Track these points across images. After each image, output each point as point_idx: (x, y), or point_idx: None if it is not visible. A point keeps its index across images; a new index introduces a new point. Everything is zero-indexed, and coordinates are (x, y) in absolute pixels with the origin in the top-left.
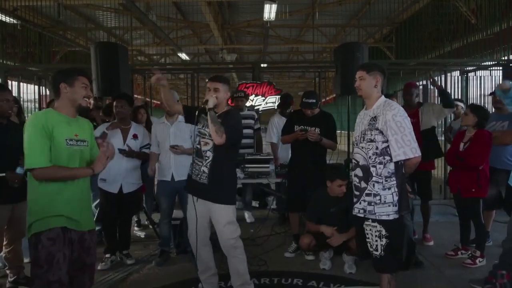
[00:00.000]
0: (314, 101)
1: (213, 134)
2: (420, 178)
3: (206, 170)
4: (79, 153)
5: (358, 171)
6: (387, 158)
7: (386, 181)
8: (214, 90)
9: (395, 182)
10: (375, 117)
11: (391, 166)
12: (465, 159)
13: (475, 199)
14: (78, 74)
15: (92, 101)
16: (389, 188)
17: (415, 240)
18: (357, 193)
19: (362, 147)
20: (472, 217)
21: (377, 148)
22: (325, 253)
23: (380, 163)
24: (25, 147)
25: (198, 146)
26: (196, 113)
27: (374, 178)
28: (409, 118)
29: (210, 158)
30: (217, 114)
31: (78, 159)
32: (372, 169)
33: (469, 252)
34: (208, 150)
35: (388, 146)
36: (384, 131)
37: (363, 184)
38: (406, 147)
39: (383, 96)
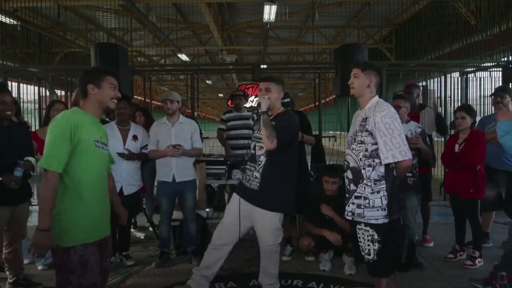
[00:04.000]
0: (289, 100)
1: (264, 139)
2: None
3: (258, 175)
4: (105, 157)
5: (349, 173)
6: (377, 161)
7: (375, 184)
8: (266, 90)
9: (384, 185)
10: (366, 118)
11: (381, 169)
12: (463, 160)
13: (474, 200)
14: (106, 74)
15: None
16: (378, 192)
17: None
18: (347, 195)
19: (353, 149)
20: (470, 218)
21: (366, 150)
22: (325, 254)
23: (370, 165)
24: (45, 145)
25: (253, 151)
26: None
27: (364, 181)
28: (399, 120)
29: (263, 163)
30: (271, 117)
31: (105, 164)
32: (363, 171)
33: (468, 254)
34: (262, 155)
35: (377, 149)
36: (374, 132)
37: (352, 187)
38: (395, 150)
39: (376, 97)
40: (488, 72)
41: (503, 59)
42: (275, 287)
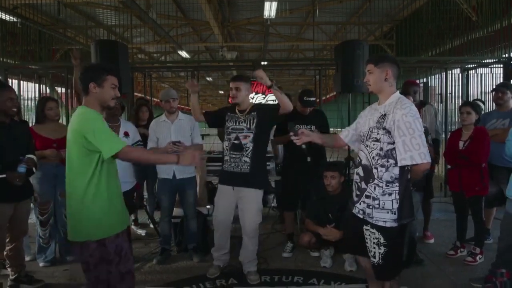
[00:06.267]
0: (314, 99)
1: (286, 103)
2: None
3: (247, 159)
4: None
5: (360, 170)
6: (391, 161)
7: (387, 186)
8: (236, 90)
9: (397, 188)
10: (384, 114)
11: (395, 171)
12: (471, 157)
13: (479, 197)
14: (107, 74)
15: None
16: (390, 194)
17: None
18: (358, 192)
19: (367, 146)
20: (474, 215)
21: (381, 149)
22: (326, 251)
23: (383, 166)
24: (99, 137)
25: (236, 141)
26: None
27: (375, 181)
28: (421, 120)
29: (251, 148)
30: (246, 111)
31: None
32: (374, 170)
33: (469, 250)
34: (248, 142)
35: (394, 149)
36: (392, 131)
37: (363, 185)
38: (414, 151)
39: (397, 92)
40: (489, 69)
41: (504, 56)
42: (254, 263)
